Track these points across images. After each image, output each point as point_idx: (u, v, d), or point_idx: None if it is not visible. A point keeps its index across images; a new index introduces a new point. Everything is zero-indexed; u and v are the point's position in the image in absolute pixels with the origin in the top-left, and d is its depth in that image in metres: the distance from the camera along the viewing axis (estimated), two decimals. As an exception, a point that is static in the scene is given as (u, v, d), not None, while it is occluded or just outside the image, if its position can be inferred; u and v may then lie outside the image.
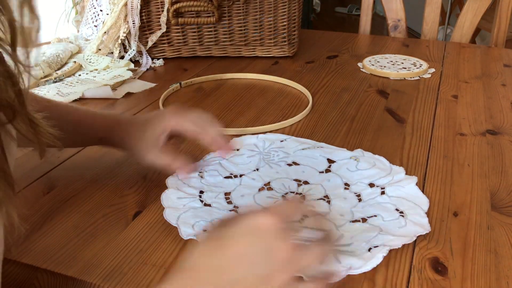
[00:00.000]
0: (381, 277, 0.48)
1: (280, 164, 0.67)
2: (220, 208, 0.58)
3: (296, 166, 0.67)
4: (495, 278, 0.48)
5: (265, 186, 0.63)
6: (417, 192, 0.60)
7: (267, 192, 0.61)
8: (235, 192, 0.61)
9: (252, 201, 0.59)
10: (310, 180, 0.64)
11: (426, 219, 0.55)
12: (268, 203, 0.59)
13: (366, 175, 0.64)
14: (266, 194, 0.61)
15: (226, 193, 0.61)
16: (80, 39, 1.13)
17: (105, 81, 0.96)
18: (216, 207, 0.58)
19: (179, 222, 0.54)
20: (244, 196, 0.60)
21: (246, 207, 0.58)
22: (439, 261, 0.50)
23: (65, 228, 0.55)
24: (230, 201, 0.59)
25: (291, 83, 0.97)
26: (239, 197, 0.60)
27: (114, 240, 0.53)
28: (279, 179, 0.64)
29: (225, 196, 0.60)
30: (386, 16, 1.38)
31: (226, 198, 0.60)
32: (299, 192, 0.61)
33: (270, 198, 0.60)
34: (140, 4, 1.04)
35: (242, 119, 0.83)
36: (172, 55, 1.12)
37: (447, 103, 0.89)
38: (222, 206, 0.58)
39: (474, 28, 1.31)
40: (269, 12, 1.08)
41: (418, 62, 1.08)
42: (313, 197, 0.60)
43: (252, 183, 0.63)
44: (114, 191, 0.62)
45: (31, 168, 0.67)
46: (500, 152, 0.72)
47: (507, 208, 0.59)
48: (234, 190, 0.61)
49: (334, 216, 0.56)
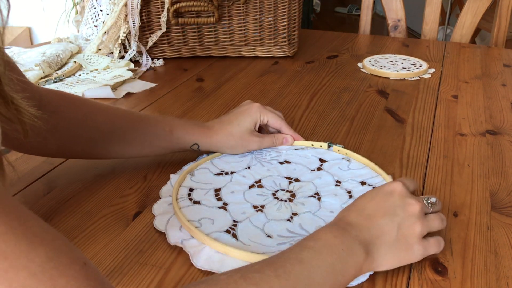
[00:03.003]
0: (381, 277, 0.48)
1: (272, 162, 0.67)
2: (209, 205, 0.58)
3: (287, 164, 0.67)
4: (495, 279, 0.48)
5: (255, 183, 0.62)
6: None
7: (257, 189, 0.61)
8: (225, 189, 0.61)
9: (242, 198, 0.59)
10: (301, 177, 0.64)
11: None
12: (257, 200, 0.59)
13: (358, 174, 0.64)
14: (257, 192, 0.61)
15: (216, 190, 0.61)
16: (80, 39, 1.13)
17: (105, 81, 0.96)
18: (205, 204, 0.58)
19: (167, 227, 0.54)
20: (234, 193, 0.60)
21: (236, 204, 0.58)
22: (439, 262, 0.50)
23: (65, 228, 0.55)
24: (220, 197, 0.59)
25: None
26: (229, 194, 0.60)
27: (114, 241, 0.53)
28: (270, 176, 0.64)
29: (215, 192, 0.60)
30: (386, 16, 1.38)
31: (216, 195, 0.60)
32: (290, 189, 0.61)
33: (260, 196, 0.60)
34: (140, 4, 1.04)
35: (242, 119, 0.83)
36: (172, 55, 1.12)
37: (447, 103, 0.89)
38: (211, 203, 0.58)
39: (474, 28, 1.31)
40: (269, 12, 1.08)
41: (418, 62, 1.08)
42: (303, 194, 0.60)
43: (242, 180, 0.63)
44: (114, 191, 0.62)
45: (31, 168, 0.67)
46: (500, 152, 0.72)
47: (507, 208, 0.59)
48: (224, 187, 0.61)
49: (324, 213, 0.56)
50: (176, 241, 0.52)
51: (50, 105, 0.60)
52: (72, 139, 0.62)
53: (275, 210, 0.57)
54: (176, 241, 0.52)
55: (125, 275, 0.49)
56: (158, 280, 0.48)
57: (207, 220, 0.55)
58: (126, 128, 0.64)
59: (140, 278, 0.48)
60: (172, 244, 0.52)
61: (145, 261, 0.50)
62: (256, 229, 0.54)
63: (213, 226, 0.54)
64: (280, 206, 0.58)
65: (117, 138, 0.63)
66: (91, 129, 0.62)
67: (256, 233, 0.53)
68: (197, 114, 0.85)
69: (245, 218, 0.55)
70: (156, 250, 0.52)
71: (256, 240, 0.52)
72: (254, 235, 0.53)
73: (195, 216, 0.55)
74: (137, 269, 0.49)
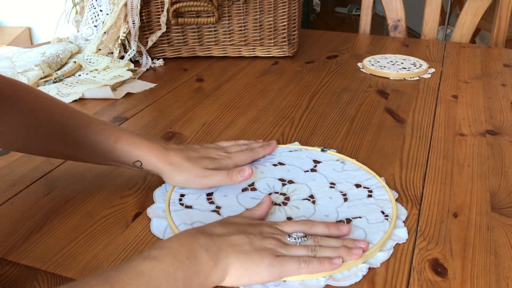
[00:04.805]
0: (381, 278, 0.48)
1: (265, 164, 0.66)
2: (201, 209, 0.57)
3: (281, 166, 0.66)
4: (495, 279, 0.48)
5: (249, 186, 0.62)
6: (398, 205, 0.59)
7: (250, 192, 0.61)
8: (217, 193, 0.60)
9: (235, 202, 0.59)
10: (295, 179, 0.63)
11: (405, 229, 0.55)
12: (251, 203, 0.58)
13: (353, 175, 0.64)
14: (250, 195, 0.60)
15: (208, 194, 0.60)
16: (80, 39, 1.13)
17: (105, 81, 0.96)
18: (197, 208, 0.57)
19: (165, 235, 0.54)
20: (227, 196, 0.59)
21: (229, 207, 0.58)
22: (439, 262, 0.50)
23: (65, 229, 0.55)
24: (213, 201, 0.59)
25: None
26: (222, 197, 0.59)
27: (114, 242, 0.53)
28: (264, 179, 0.63)
29: (207, 196, 0.60)
30: (386, 16, 1.38)
31: (208, 199, 0.59)
32: (284, 192, 0.61)
33: (254, 199, 0.59)
34: (140, 4, 1.04)
35: (242, 119, 0.83)
36: (172, 55, 1.12)
37: (447, 103, 0.89)
38: (204, 207, 0.57)
39: (474, 28, 1.31)
40: (269, 12, 1.08)
41: (418, 62, 1.08)
42: (298, 197, 0.59)
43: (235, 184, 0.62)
44: (114, 192, 0.62)
45: (31, 169, 0.67)
46: (500, 152, 0.72)
47: (507, 209, 0.59)
48: (216, 191, 0.61)
49: (319, 216, 0.56)
50: None
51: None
52: (12, 132, 0.58)
53: (270, 214, 0.56)
54: None
55: (125, 276, 0.49)
56: (158, 281, 0.48)
57: (200, 224, 0.54)
58: (69, 129, 0.59)
59: (140, 279, 0.48)
60: None
61: (145, 262, 0.50)
62: None
63: None
64: (274, 210, 0.57)
65: (55, 138, 0.60)
66: (32, 124, 0.58)
67: None
68: (197, 114, 0.85)
69: None
70: (156, 251, 0.52)
71: None
72: None
73: (187, 220, 0.55)
74: (137, 270, 0.49)
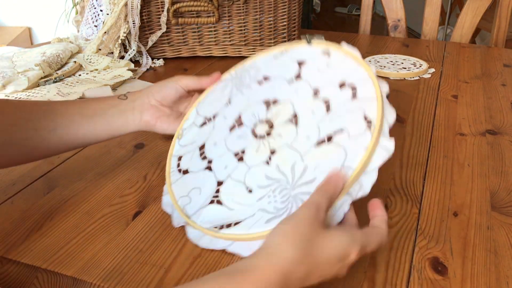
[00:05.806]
0: (381, 277, 0.48)
1: (251, 85, 0.65)
2: (195, 171, 0.59)
3: (266, 82, 0.64)
4: (495, 278, 0.48)
5: (236, 122, 0.62)
6: None
7: (238, 130, 0.61)
8: (208, 142, 0.61)
9: (224, 148, 0.59)
10: (279, 96, 0.61)
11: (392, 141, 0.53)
12: (238, 145, 0.59)
13: (338, 71, 0.59)
14: (237, 133, 0.60)
15: (201, 147, 0.61)
16: (80, 39, 1.13)
17: (105, 81, 0.96)
18: (192, 171, 0.59)
19: (173, 211, 0.57)
20: (217, 144, 0.60)
21: (219, 158, 0.59)
22: (439, 261, 0.50)
23: (65, 228, 0.55)
24: (205, 156, 0.60)
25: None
26: (212, 147, 0.60)
27: (114, 240, 0.53)
28: (249, 107, 0.62)
29: (200, 151, 0.61)
30: (386, 16, 1.38)
31: (201, 154, 0.61)
32: (268, 118, 0.60)
33: (241, 138, 0.59)
34: (140, 4, 1.04)
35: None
36: (172, 55, 1.12)
37: (447, 103, 0.89)
38: (197, 167, 0.59)
39: (474, 28, 1.31)
40: (269, 12, 1.08)
41: (418, 62, 1.08)
42: (281, 120, 0.59)
43: (223, 124, 0.62)
44: (114, 191, 0.62)
45: (31, 168, 0.67)
46: (500, 152, 0.72)
47: (507, 208, 0.59)
48: (207, 140, 0.62)
49: (301, 140, 0.55)
50: (179, 222, 0.56)
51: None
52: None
53: (255, 151, 0.57)
54: (179, 222, 0.56)
55: (125, 274, 0.49)
56: (158, 280, 0.48)
57: (196, 190, 0.57)
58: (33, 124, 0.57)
59: (140, 278, 0.48)
60: (175, 226, 0.55)
61: (145, 260, 0.50)
62: (238, 185, 0.55)
63: (200, 197, 0.56)
64: (259, 146, 0.58)
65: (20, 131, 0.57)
66: None
67: (238, 190, 0.55)
68: (197, 114, 0.85)
69: (227, 176, 0.57)
70: (156, 250, 0.52)
71: (239, 201, 0.54)
72: (236, 193, 0.54)
73: (185, 190, 0.58)
74: (137, 269, 0.49)
